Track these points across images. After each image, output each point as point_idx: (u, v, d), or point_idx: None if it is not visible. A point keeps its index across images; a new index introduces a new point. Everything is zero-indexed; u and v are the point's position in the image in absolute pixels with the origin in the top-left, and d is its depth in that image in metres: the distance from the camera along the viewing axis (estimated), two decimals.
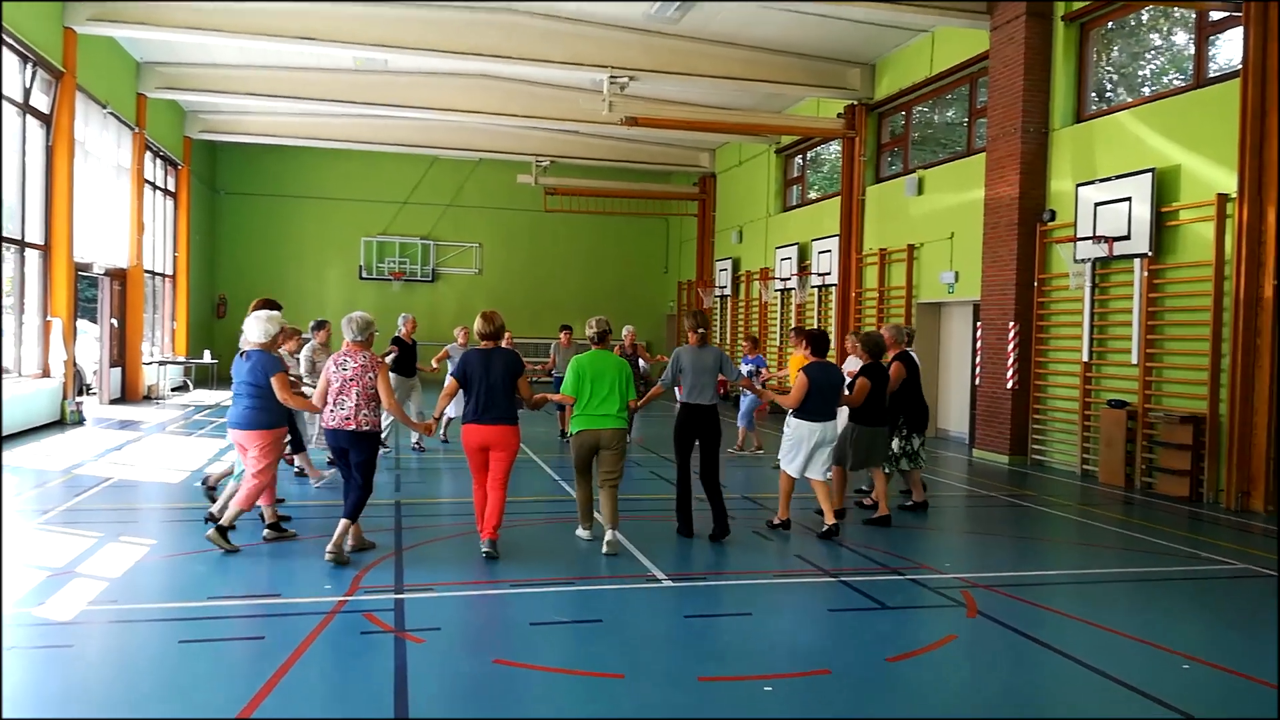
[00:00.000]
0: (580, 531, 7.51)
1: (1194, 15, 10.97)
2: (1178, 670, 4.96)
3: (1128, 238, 11.01)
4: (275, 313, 7.10)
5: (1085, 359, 11.86)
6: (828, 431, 7.88)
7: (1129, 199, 11.00)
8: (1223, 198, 10.04)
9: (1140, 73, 12.61)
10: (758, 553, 7.35)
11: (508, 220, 27.25)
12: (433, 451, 12.50)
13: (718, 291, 23.98)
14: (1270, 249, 9.51)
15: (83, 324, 17.05)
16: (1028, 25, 12.47)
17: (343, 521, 6.59)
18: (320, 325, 10.54)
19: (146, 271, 18.94)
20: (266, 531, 7.16)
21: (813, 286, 18.92)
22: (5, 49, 12.51)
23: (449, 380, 7.06)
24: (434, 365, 13.07)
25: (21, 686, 4.35)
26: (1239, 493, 9.77)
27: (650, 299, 28.41)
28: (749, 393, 11.96)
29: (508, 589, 6.06)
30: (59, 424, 13.96)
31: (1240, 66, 9.82)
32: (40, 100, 13.91)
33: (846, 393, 8.21)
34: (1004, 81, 12.90)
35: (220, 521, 6.77)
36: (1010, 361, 12.69)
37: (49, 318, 14.13)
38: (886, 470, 8.67)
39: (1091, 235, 11.39)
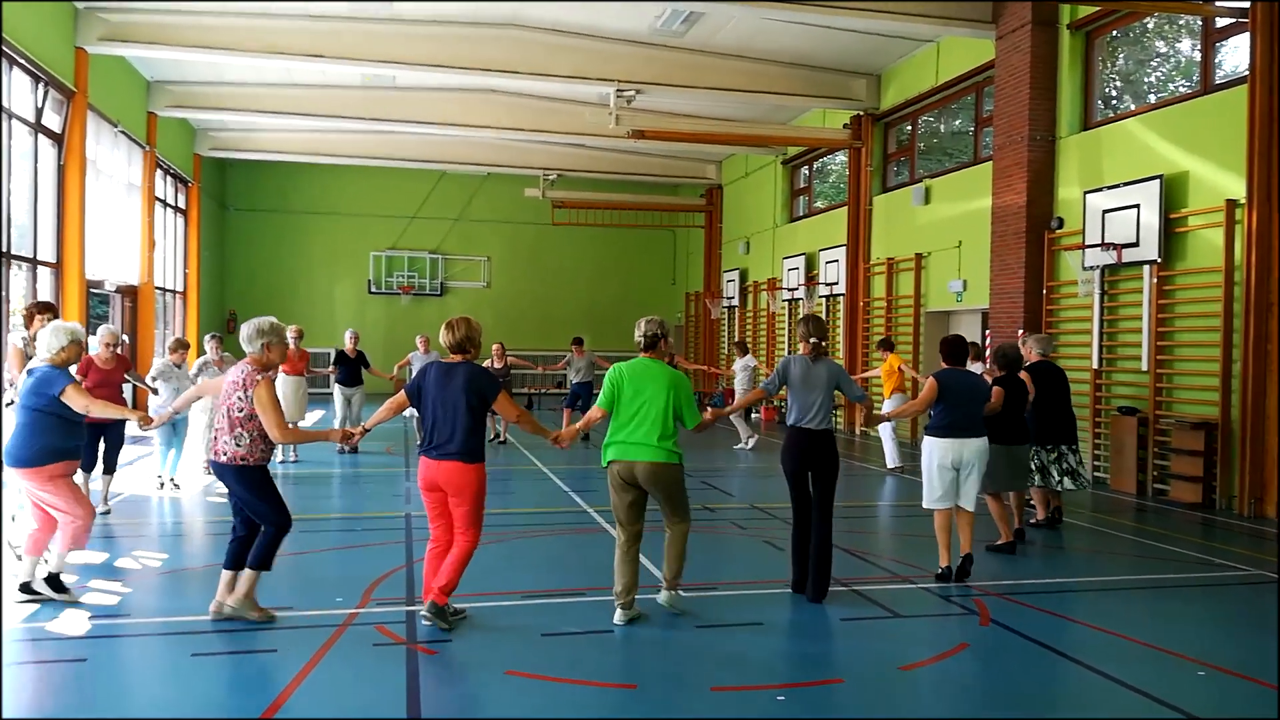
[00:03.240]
0: (617, 616, 5.63)
1: (1200, 22, 10.98)
2: (1193, 677, 4.93)
3: (1136, 245, 10.99)
4: (70, 324, 5.89)
5: (1095, 366, 11.83)
6: (965, 450, 6.72)
7: (1137, 206, 10.98)
8: (1231, 203, 10.02)
9: (1147, 80, 12.62)
10: (768, 562, 7.33)
11: (515, 234, 27.34)
12: None
13: (725, 303, 24.00)
14: (1279, 254, 9.47)
15: (94, 340, 17.12)
16: (1033, 34, 12.48)
17: (246, 572, 5.42)
18: (178, 346, 10.07)
19: (157, 288, 19.04)
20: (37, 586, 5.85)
21: (820, 297, 18.92)
22: (17, 69, 12.65)
23: (400, 394, 5.75)
24: (393, 373, 13.85)
25: (36, 700, 4.38)
26: (1252, 499, 9.71)
27: (658, 311, 28.13)
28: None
29: (519, 600, 6.06)
30: None
31: (1247, 72, 9.82)
32: (52, 120, 14.03)
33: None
34: (1010, 90, 12.91)
35: (50, 569, 5.87)
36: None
37: None
38: (1040, 484, 8.46)
39: (1100, 242, 11.38)
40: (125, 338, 17.64)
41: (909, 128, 17.00)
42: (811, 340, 6.36)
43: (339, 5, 14.50)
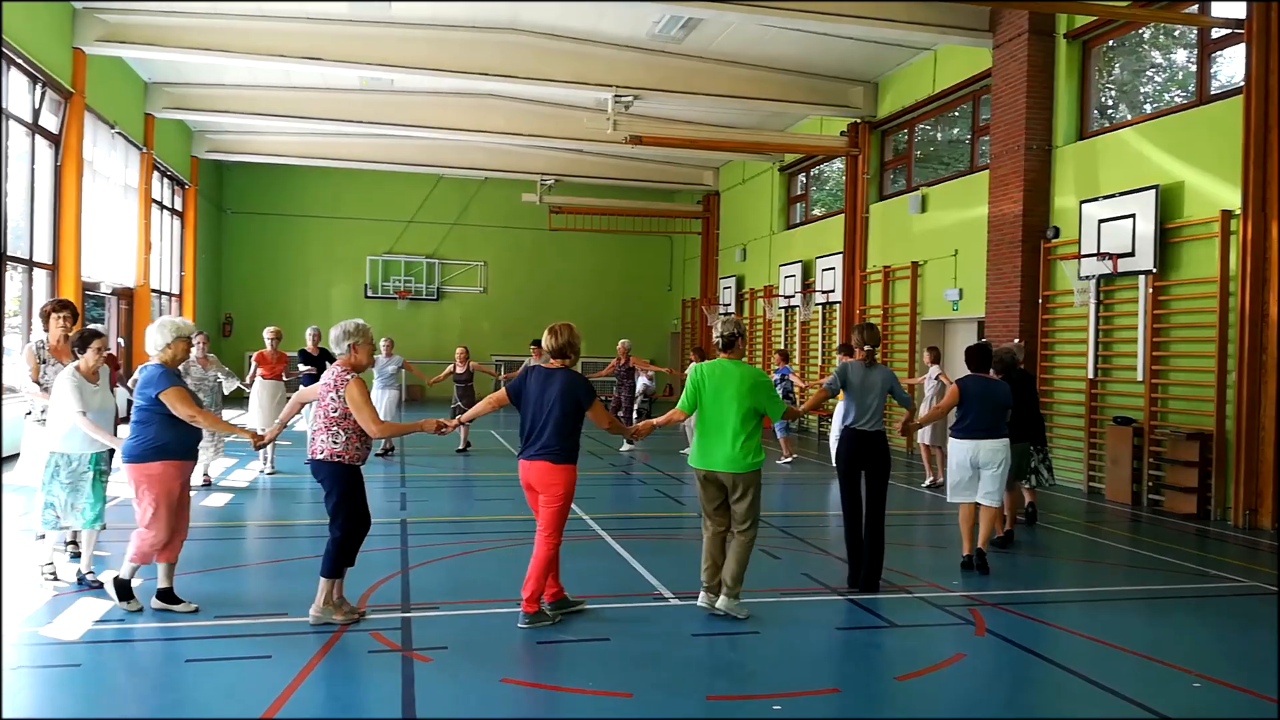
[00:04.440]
0: (700, 599, 6.04)
1: (1196, 32, 11.02)
2: (1188, 688, 4.93)
3: (1132, 254, 11.02)
4: (177, 319, 5.91)
5: (1090, 376, 11.85)
6: (982, 450, 7.24)
7: (1133, 216, 11.02)
8: (1227, 214, 10.06)
9: (1143, 90, 12.67)
10: (765, 571, 7.32)
11: (512, 239, 27.35)
12: (439, 469, 12.48)
13: (722, 309, 24.01)
14: (1275, 264, 9.50)
15: None
16: (1030, 43, 12.52)
17: (320, 582, 5.54)
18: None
19: (153, 291, 19.00)
20: (154, 600, 5.79)
21: (817, 304, 18.95)
22: (15, 69, 12.63)
23: (500, 390, 5.96)
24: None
25: (30, 706, 4.36)
26: (1246, 510, 9.73)
27: (654, 317, 28.45)
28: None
29: (515, 608, 6.04)
30: None
31: (1243, 83, 9.86)
32: (49, 120, 14.01)
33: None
34: (1007, 99, 12.95)
35: (119, 574, 5.76)
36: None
37: None
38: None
39: (1096, 252, 11.41)
40: (121, 340, 17.60)
41: (906, 136, 17.04)
42: (866, 348, 6.85)
43: (337, 8, 14.50)
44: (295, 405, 6.31)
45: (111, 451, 6.31)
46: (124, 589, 5.75)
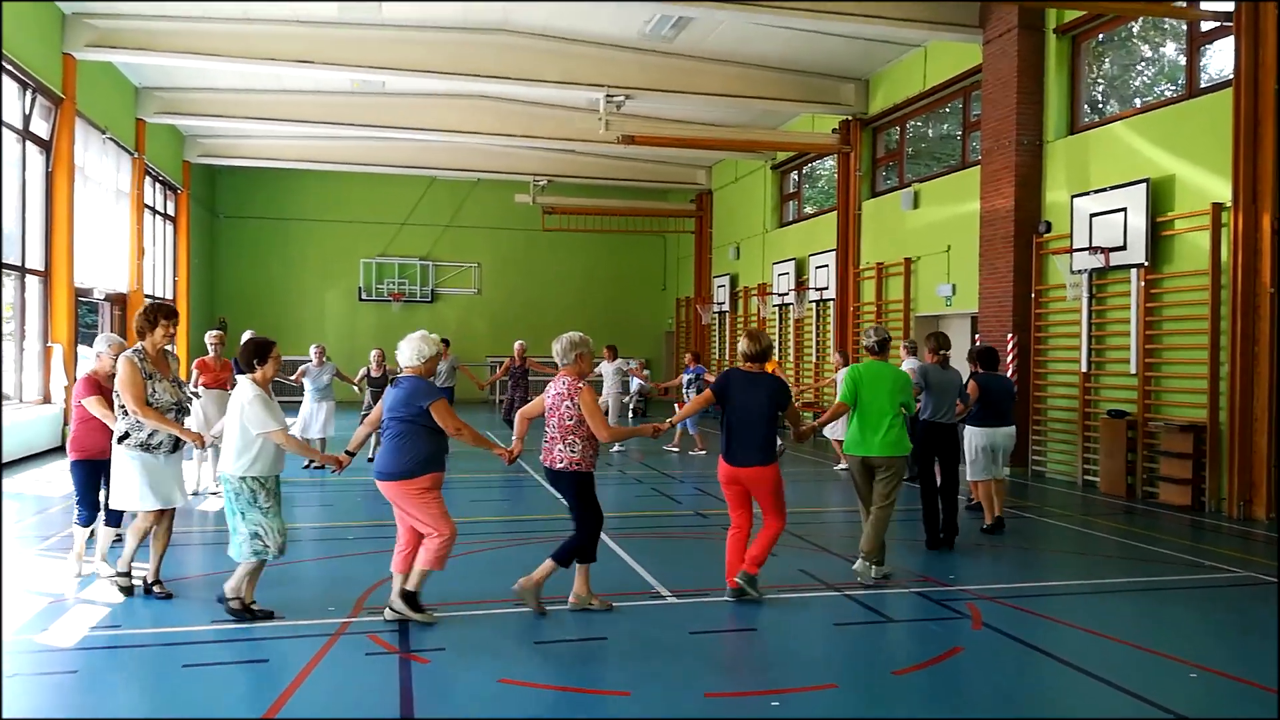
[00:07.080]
0: (872, 571, 6.72)
1: (1185, 26, 11.05)
2: (1184, 679, 4.95)
3: (1124, 248, 11.06)
4: (433, 334, 5.83)
5: (1084, 369, 11.88)
6: (997, 436, 8.60)
7: (1124, 209, 11.05)
8: (1217, 206, 10.09)
9: (1133, 84, 12.71)
10: (762, 568, 7.33)
11: (506, 240, 27.34)
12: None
13: (716, 308, 24.03)
14: (1266, 256, 9.55)
15: (83, 350, 17.04)
16: (1020, 38, 12.55)
17: (576, 569, 5.91)
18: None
19: (147, 296, 18.96)
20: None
21: (810, 301, 18.96)
22: (5, 75, 12.59)
23: (706, 390, 6.37)
24: (295, 380, 12.77)
25: (26, 713, 4.35)
26: (1240, 500, 9.76)
27: (648, 316, 28.46)
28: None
29: (511, 609, 6.04)
30: (60, 450, 13.94)
31: (1232, 76, 9.89)
32: (40, 126, 13.98)
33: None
34: (997, 95, 12.98)
35: (406, 587, 5.68)
36: (1009, 373, 12.70)
37: (49, 344, 14.14)
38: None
39: (1088, 246, 11.44)
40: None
41: (897, 132, 17.07)
42: (941, 352, 8.10)
43: (327, 9, 14.46)
44: (524, 422, 6.05)
45: None
46: (413, 600, 5.65)
